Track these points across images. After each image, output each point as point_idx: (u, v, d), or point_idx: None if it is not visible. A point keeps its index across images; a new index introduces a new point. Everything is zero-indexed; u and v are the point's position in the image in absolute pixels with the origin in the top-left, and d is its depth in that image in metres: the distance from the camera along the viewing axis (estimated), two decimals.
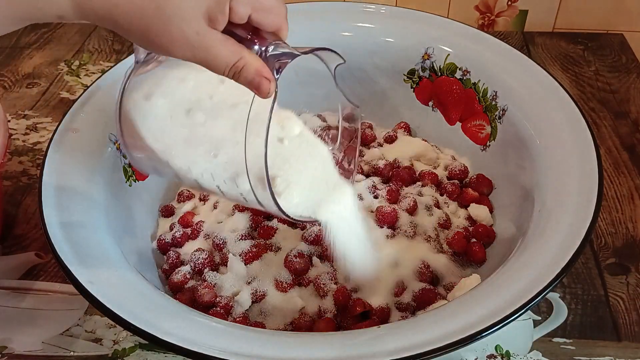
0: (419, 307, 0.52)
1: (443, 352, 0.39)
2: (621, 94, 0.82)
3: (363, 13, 0.70)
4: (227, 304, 0.52)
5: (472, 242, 0.57)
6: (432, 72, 0.67)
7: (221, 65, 0.37)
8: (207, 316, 0.46)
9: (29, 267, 0.62)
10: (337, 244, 0.48)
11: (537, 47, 0.91)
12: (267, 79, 0.37)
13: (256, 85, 0.37)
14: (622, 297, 0.57)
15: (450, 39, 0.66)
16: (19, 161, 0.74)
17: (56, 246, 0.46)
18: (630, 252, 0.61)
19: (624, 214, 0.65)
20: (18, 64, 0.92)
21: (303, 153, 0.46)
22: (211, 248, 0.58)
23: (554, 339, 0.54)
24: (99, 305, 0.42)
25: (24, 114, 0.82)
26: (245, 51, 0.37)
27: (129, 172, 0.60)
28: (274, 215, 0.47)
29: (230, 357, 0.39)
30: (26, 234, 0.66)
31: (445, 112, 0.68)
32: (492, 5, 0.96)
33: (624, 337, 0.54)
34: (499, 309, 0.40)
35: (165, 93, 0.44)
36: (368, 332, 0.44)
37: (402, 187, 0.63)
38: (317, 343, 0.42)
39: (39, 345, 0.55)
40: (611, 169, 0.70)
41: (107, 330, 0.56)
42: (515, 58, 0.62)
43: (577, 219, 0.46)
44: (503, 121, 0.61)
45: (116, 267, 0.47)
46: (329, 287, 0.53)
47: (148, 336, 0.40)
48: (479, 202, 0.61)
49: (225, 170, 0.42)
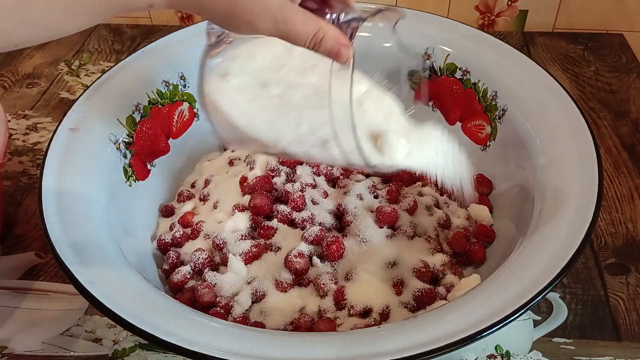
0: (419, 307, 0.52)
1: (443, 352, 0.39)
2: (621, 94, 0.82)
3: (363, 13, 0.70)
4: (227, 304, 0.52)
5: (472, 242, 0.57)
6: (432, 72, 0.67)
7: (302, 37, 0.38)
8: (207, 316, 0.46)
9: (29, 267, 0.62)
10: (449, 177, 0.49)
11: (537, 47, 0.91)
12: (345, 46, 0.39)
13: (335, 52, 0.39)
14: (622, 297, 0.57)
15: (450, 39, 0.66)
16: (19, 161, 0.74)
17: (56, 246, 0.46)
18: (630, 252, 0.61)
19: (624, 214, 0.65)
20: (18, 64, 0.92)
21: (382, 107, 0.48)
22: (211, 248, 0.58)
23: (554, 339, 0.54)
24: (99, 305, 0.42)
25: (24, 114, 0.82)
26: (322, 21, 0.38)
27: (129, 172, 0.60)
28: (369, 169, 0.48)
29: (230, 357, 0.39)
30: (26, 234, 0.66)
31: (445, 112, 0.68)
32: (492, 5, 0.96)
33: (624, 337, 0.54)
34: (499, 309, 0.41)
35: (239, 71, 0.45)
36: (368, 332, 0.44)
37: (402, 187, 0.63)
38: (317, 343, 0.42)
39: (39, 345, 0.55)
40: (611, 169, 0.70)
41: (107, 330, 0.56)
42: (515, 58, 0.62)
43: (577, 219, 0.46)
44: (503, 121, 0.61)
45: (116, 267, 0.47)
46: (329, 287, 0.53)
47: (148, 336, 0.40)
48: (479, 202, 0.61)
49: (313, 134, 0.43)
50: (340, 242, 0.55)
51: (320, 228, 0.56)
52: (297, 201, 0.58)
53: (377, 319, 0.51)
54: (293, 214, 0.58)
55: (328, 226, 0.57)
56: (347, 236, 0.56)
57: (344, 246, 0.55)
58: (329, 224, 0.58)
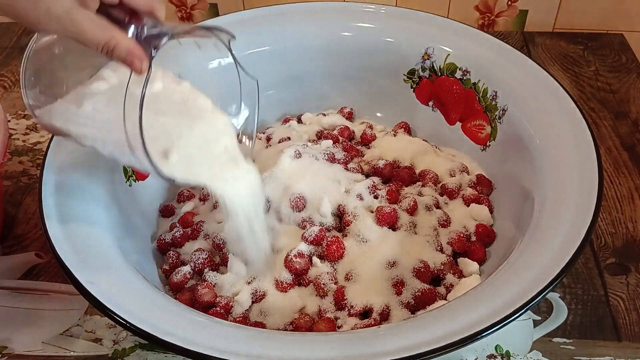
0: (419, 307, 0.52)
1: (443, 352, 0.39)
2: (621, 94, 0.82)
3: (363, 13, 0.70)
4: (227, 304, 0.52)
5: (472, 242, 0.57)
6: (432, 72, 0.67)
7: (92, 42, 0.40)
8: (207, 316, 0.46)
9: (29, 267, 0.62)
10: (232, 221, 0.50)
11: (537, 47, 0.91)
12: (138, 58, 0.40)
13: (129, 63, 0.40)
14: (622, 297, 0.57)
15: (450, 39, 0.66)
16: (19, 161, 0.74)
17: (56, 246, 0.46)
18: (630, 252, 0.61)
19: (624, 214, 0.65)
20: (18, 64, 0.91)
21: (186, 119, 0.48)
22: (211, 248, 0.58)
23: (554, 339, 0.54)
24: (99, 305, 0.42)
25: (24, 114, 0.82)
26: (116, 31, 0.40)
27: (129, 172, 0.60)
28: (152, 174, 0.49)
29: (230, 357, 0.39)
30: (26, 234, 0.66)
31: (445, 112, 0.68)
32: (492, 5, 0.96)
33: (624, 337, 0.54)
34: (499, 309, 0.41)
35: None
36: (368, 332, 0.44)
37: (402, 187, 0.63)
38: (317, 343, 0.42)
39: (39, 345, 0.55)
40: (611, 169, 0.70)
41: (107, 330, 0.56)
42: (515, 58, 0.62)
43: (577, 219, 0.46)
44: (503, 121, 0.61)
45: (116, 267, 0.47)
46: (329, 287, 0.53)
47: (148, 336, 0.40)
48: (479, 202, 0.61)
49: (118, 145, 0.44)
50: (340, 242, 0.55)
51: (320, 228, 0.56)
52: (297, 201, 0.58)
53: (377, 319, 0.51)
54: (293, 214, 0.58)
55: (328, 226, 0.57)
56: (347, 236, 0.56)
57: (344, 246, 0.55)
58: (329, 224, 0.58)
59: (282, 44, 0.70)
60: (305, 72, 0.72)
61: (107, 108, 0.44)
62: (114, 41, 0.39)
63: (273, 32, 0.70)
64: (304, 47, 0.70)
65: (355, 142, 0.70)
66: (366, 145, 0.70)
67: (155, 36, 0.41)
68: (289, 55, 0.70)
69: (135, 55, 0.40)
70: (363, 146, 0.70)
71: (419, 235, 0.57)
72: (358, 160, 0.66)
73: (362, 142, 0.70)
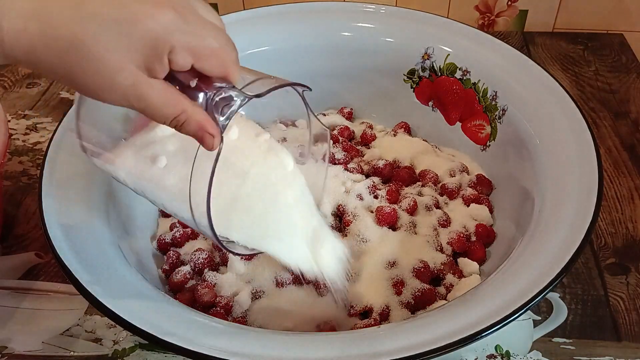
0: (419, 307, 0.52)
1: (443, 352, 0.39)
2: (621, 94, 0.82)
3: (363, 13, 0.70)
4: (227, 304, 0.52)
5: (472, 242, 0.57)
6: (432, 72, 0.67)
7: (160, 118, 0.36)
8: (207, 316, 0.46)
9: (29, 267, 0.62)
10: (330, 280, 0.49)
11: (537, 47, 0.91)
12: (209, 134, 0.36)
13: (199, 138, 0.36)
14: (622, 297, 0.57)
15: (450, 39, 0.66)
16: (19, 161, 0.74)
17: (56, 246, 0.46)
18: (630, 252, 0.61)
19: (624, 214, 0.65)
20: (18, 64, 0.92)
21: (263, 198, 0.45)
22: (211, 248, 0.58)
23: (554, 339, 0.54)
24: (99, 305, 0.42)
25: (24, 114, 0.82)
26: (186, 104, 0.35)
27: None
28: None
29: (230, 357, 0.39)
30: (26, 234, 0.66)
31: (445, 112, 0.68)
32: (492, 5, 0.96)
33: (624, 337, 0.54)
34: (499, 309, 0.41)
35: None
36: (368, 332, 0.44)
37: (402, 187, 0.63)
38: (317, 343, 0.42)
39: (39, 345, 0.55)
40: (611, 169, 0.70)
41: (107, 330, 0.56)
42: (515, 58, 0.62)
43: (577, 219, 0.46)
44: (503, 121, 0.61)
45: (116, 267, 0.47)
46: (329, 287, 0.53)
47: (148, 336, 0.40)
48: (479, 202, 0.61)
49: (181, 211, 0.42)
50: None
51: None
52: None
53: (377, 319, 0.51)
54: None
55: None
56: (347, 236, 0.56)
57: None
58: (329, 224, 0.58)
59: (282, 44, 0.70)
60: (305, 72, 0.72)
61: (174, 169, 0.41)
62: (184, 116, 0.35)
63: (273, 32, 0.70)
64: (304, 47, 0.70)
65: (355, 142, 0.70)
66: (366, 145, 0.70)
67: (225, 99, 0.37)
68: (288, 56, 0.70)
69: (207, 130, 0.36)
70: (363, 146, 0.70)
71: (419, 235, 0.57)
72: (358, 160, 0.66)
73: (362, 142, 0.70)
